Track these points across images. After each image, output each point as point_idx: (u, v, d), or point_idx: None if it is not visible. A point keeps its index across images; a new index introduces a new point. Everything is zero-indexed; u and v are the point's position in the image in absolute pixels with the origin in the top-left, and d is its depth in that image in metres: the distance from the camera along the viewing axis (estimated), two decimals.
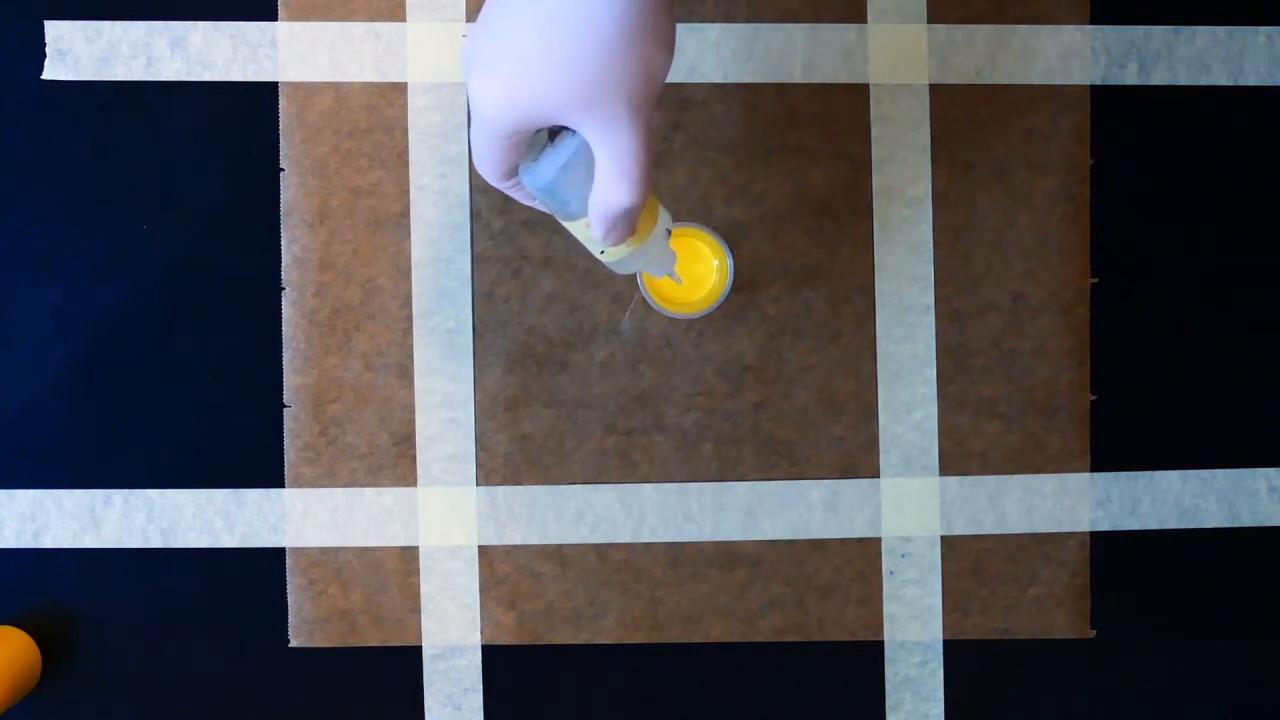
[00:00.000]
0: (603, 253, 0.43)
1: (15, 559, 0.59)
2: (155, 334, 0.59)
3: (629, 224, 0.40)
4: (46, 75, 0.58)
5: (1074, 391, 0.60)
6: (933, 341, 0.60)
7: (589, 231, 0.41)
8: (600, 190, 0.39)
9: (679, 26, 0.59)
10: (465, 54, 0.39)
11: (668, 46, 0.38)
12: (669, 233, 0.44)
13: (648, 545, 0.59)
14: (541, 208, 0.44)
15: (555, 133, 0.41)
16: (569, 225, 0.42)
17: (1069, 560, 0.60)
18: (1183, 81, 0.60)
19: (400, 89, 0.59)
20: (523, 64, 0.37)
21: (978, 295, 0.60)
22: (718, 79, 0.59)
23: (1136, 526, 0.60)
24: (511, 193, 0.43)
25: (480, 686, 0.59)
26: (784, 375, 0.60)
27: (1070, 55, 0.60)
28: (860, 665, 0.60)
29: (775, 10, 0.59)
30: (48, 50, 0.58)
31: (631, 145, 0.38)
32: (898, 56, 0.59)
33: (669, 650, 0.60)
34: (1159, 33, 0.60)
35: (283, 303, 0.59)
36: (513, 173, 0.41)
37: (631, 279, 0.59)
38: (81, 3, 0.59)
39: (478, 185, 0.59)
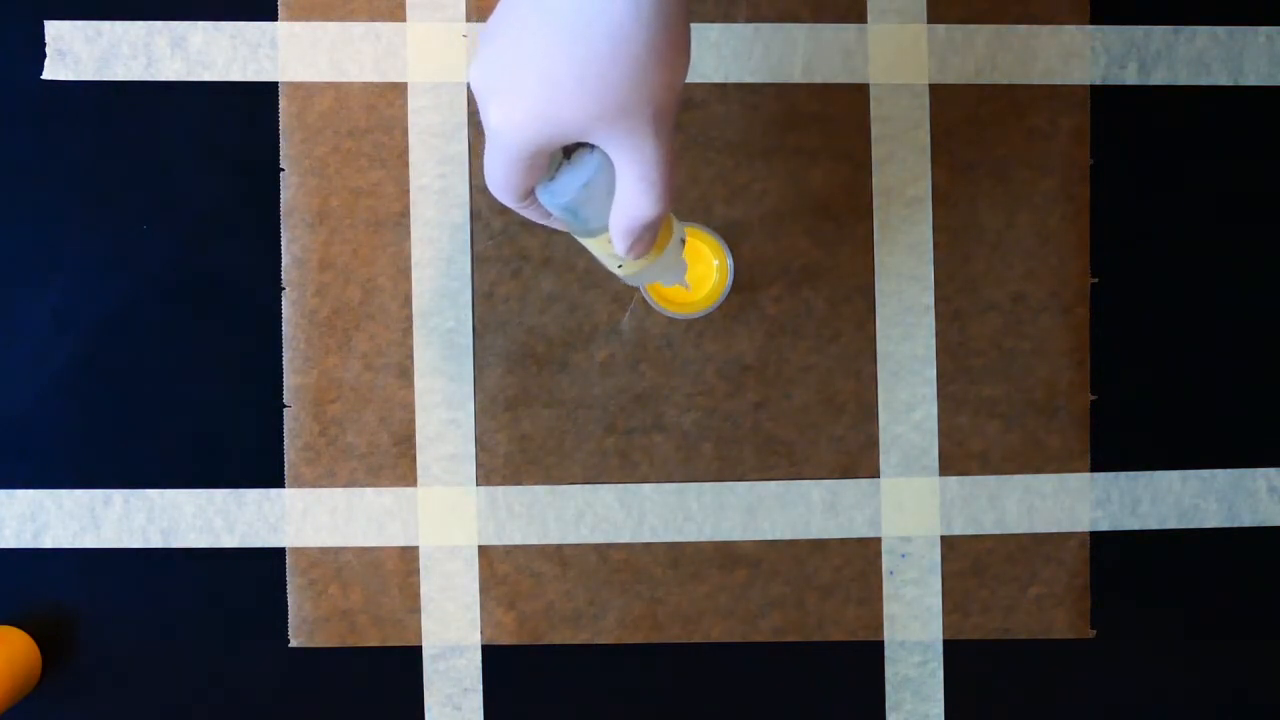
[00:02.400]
0: (620, 266, 0.42)
1: (15, 559, 0.59)
2: (155, 334, 0.59)
3: (652, 236, 0.39)
4: (46, 75, 0.58)
5: (1074, 391, 0.60)
6: (933, 341, 0.60)
7: (608, 247, 0.41)
8: (624, 203, 0.38)
9: None
10: (479, 78, 0.37)
11: (687, 54, 0.37)
12: (683, 242, 0.44)
13: (648, 545, 0.59)
14: (556, 225, 0.43)
15: (570, 149, 0.40)
16: (587, 241, 0.41)
17: (1069, 560, 0.60)
18: (1183, 81, 0.60)
19: (400, 89, 0.59)
20: (550, 85, 0.36)
21: (978, 295, 0.60)
22: (718, 79, 0.59)
23: (1136, 526, 0.60)
24: (525, 212, 0.42)
25: (480, 686, 0.59)
26: (784, 375, 0.60)
27: (1070, 55, 0.60)
28: (860, 665, 0.60)
29: (775, 10, 0.59)
30: (48, 50, 0.58)
31: (656, 156, 0.37)
32: (898, 56, 0.59)
33: (669, 650, 0.60)
34: (1159, 33, 0.60)
35: (283, 303, 0.59)
36: (529, 193, 0.40)
37: None
38: (81, 3, 0.59)
39: (478, 185, 0.59)
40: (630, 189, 0.38)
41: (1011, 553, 0.60)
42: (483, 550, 0.59)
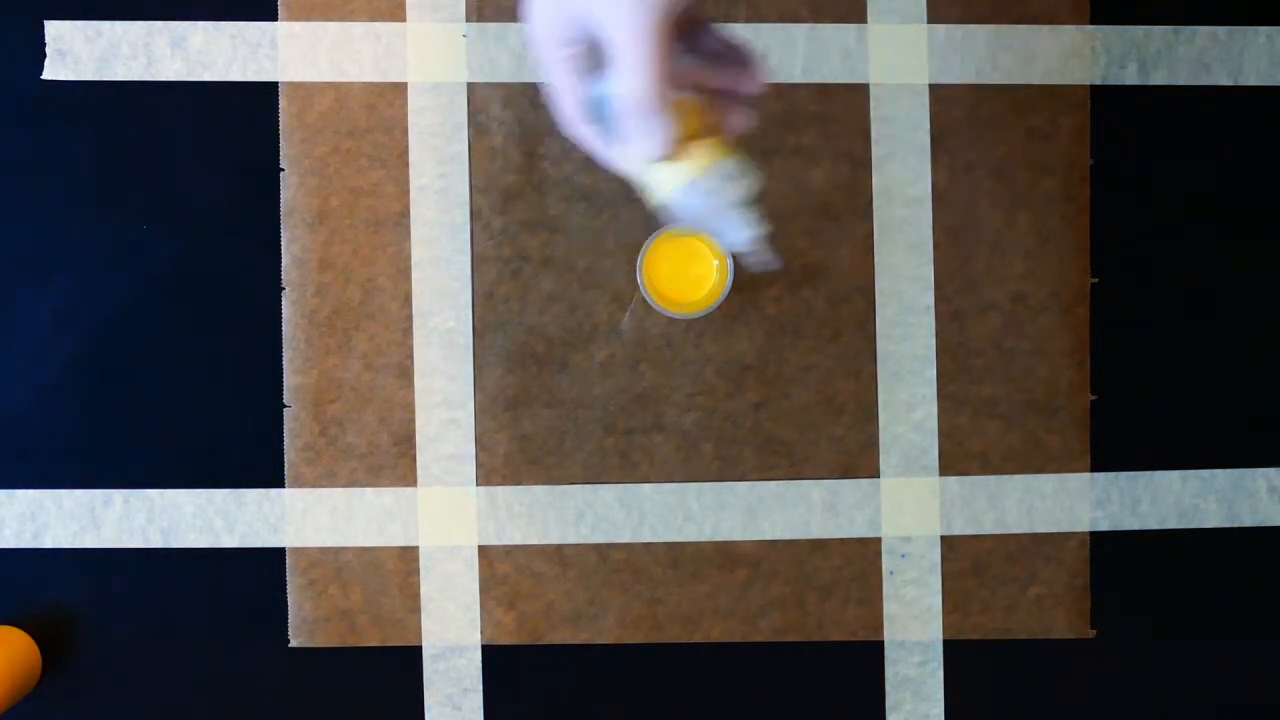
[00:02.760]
0: (655, 184, 0.42)
1: (15, 559, 0.59)
2: (155, 334, 0.59)
3: (654, 127, 0.39)
4: (46, 75, 0.58)
5: (1074, 391, 0.60)
6: (933, 341, 0.60)
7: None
8: (616, 78, 0.39)
9: None
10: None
11: None
12: (741, 185, 0.41)
13: (648, 545, 0.59)
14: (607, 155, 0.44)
15: None
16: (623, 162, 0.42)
17: (1069, 560, 0.60)
18: (1183, 81, 0.60)
19: (400, 89, 0.59)
20: None
21: (978, 295, 0.60)
22: None
23: (1136, 526, 0.60)
24: (585, 138, 0.43)
25: (480, 686, 0.59)
26: (784, 375, 0.60)
27: (1070, 55, 0.60)
28: (860, 665, 0.60)
29: (775, 10, 0.59)
30: (48, 50, 0.58)
31: (636, 33, 0.38)
32: (898, 56, 0.59)
33: (669, 650, 0.60)
34: (1159, 33, 0.60)
35: (283, 303, 0.59)
36: (568, 53, 0.41)
37: (632, 278, 0.59)
38: (81, 3, 0.59)
39: (478, 185, 0.59)
40: (617, 64, 0.39)
41: (1011, 553, 0.60)
42: (483, 550, 0.59)
